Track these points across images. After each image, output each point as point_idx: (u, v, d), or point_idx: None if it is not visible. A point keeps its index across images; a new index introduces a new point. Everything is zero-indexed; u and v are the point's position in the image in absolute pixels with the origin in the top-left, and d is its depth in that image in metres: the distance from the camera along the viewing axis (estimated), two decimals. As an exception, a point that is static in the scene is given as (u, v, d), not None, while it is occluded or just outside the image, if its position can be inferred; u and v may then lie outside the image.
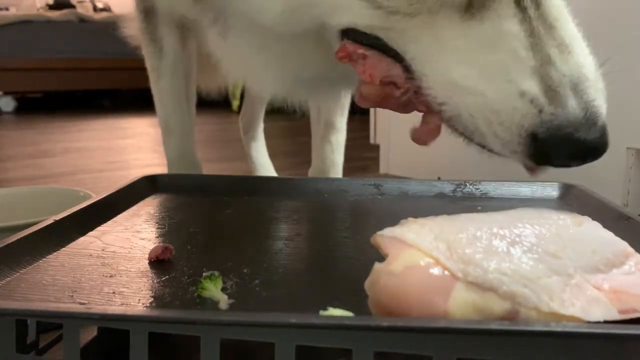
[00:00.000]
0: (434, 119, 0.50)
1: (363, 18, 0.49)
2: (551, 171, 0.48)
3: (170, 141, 0.92)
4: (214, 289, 0.45)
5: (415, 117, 0.53)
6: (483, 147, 0.49)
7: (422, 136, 0.52)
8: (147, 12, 0.86)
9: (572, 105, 0.43)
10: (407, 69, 0.49)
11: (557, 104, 0.43)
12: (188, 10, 0.71)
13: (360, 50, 0.50)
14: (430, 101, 0.48)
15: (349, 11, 0.49)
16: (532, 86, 0.44)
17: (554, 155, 0.45)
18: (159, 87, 0.89)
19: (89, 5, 4.46)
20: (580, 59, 0.45)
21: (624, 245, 0.43)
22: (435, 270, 0.37)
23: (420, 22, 0.47)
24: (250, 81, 0.77)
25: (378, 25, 0.49)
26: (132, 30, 1.12)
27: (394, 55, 0.49)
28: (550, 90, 0.43)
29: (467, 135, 0.48)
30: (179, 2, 0.72)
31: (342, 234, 0.63)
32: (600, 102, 0.45)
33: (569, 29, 0.46)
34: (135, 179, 0.77)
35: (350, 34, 0.51)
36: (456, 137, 0.50)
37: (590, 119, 0.43)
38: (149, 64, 0.90)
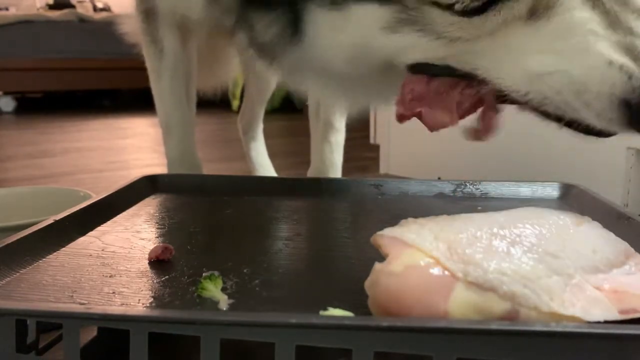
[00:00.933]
0: (490, 114, 0.52)
1: (427, 52, 0.50)
2: (551, 171, 0.47)
3: (170, 141, 0.92)
4: (214, 289, 0.45)
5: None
6: (578, 126, 0.49)
7: (482, 133, 0.54)
8: (148, 13, 0.86)
9: None
10: (478, 82, 0.50)
11: None
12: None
13: (417, 109, 0.52)
14: (515, 97, 0.49)
15: (412, 49, 0.51)
16: (617, 56, 0.44)
17: None
18: (159, 87, 0.89)
19: (89, 5, 4.46)
20: None
21: (624, 246, 0.43)
22: (436, 270, 0.37)
23: (484, 44, 0.48)
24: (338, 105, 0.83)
25: (443, 55, 0.50)
26: (129, 27, 1.11)
27: (465, 75, 0.51)
28: (638, 59, 0.44)
29: (561, 114, 0.48)
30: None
31: (342, 234, 0.63)
32: None
33: None
34: (135, 179, 0.77)
35: (418, 67, 0.52)
36: (549, 123, 0.51)
37: None
38: (149, 64, 0.90)
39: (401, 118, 0.53)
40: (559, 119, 0.49)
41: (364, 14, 0.51)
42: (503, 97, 0.50)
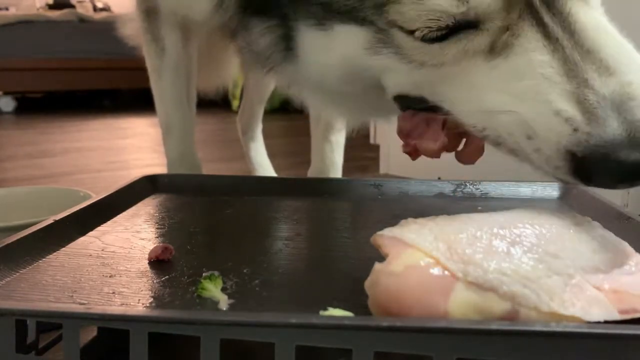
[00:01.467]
0: (476, 141, 0.53)
1: (404, 76, 0.51)
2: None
3: (170, 141, 0.92)
4: (214, 289, 0.45)
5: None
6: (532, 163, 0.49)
7: (467, 157, 0.56)
8: (149, 12, 0.86)
9: (612, 126, 0.42)
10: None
11: (594, 124, 0.42)
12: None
13: (412, 142, 0.54)
14: (472, 131, 0.49)
15: (392, 72, 0.52)
16: (567, 106, 0.43)
17: (594, 174, 0.43)
18: (160, 86, 0.89)
19: (89, 5, 4.46)
20: (627, 77, 0.44)
21: (624, 246, 0.43)
22: (436, 271, 0.37)
23: (448, 72, 0.49)
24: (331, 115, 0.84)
25: (417, 80, 0.51)
26: (130, 30, 1.12)
27: (436, 108, 0.52)
28: (588, 112, 0.43)
29: (514, 154, 0.49)
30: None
31: (342, 234, 0.63)
32: None
33: (612, 49, 0.45)
34: (135, 179, 0.77)
35: (401, 100, 0.54)
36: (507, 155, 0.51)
37: (634, 139, 0.42)
38: (149, 64, 0.90)
39: (408, 154, 0.55)
40: (514, 155, 0.49)
41: (347, 34, 0.52)
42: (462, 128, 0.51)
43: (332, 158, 1.05)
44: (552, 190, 0.76)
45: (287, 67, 0.60)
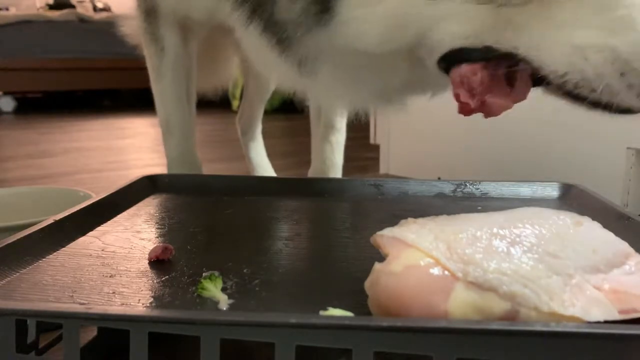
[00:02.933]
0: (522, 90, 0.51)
1: (467, 23, 0.48)
2: (551, 171, 0.47)
3: (170, 141, 0.92)
4: (214, 289, 0.45)
5: (415, 117, 0.54)
6: (605, 107, 0.48)
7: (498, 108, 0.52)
8: (149, 12, 0.86)
9: None
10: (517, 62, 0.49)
11: None
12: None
13: (482, 98, 0.50)
14: (552, 78, 0.48)
15: (452, 20, 0.49)
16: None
17: None
18: (160, 86, 0.89)
19: (89, 5, 4.46)
20: None
21: (624, 245, 0.43)
22: (435, 270, 0.37)
23: (531, 11, 0.47)
24: (339, 105, 0.79)
25: (481, 27, 0.48)
26: (130, 29, 1.11)
27: (505, 56, 0.49)
28: None
29: (594, 97, 0.47)
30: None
31: (342, 234, 0.63)
32: None
33: None
34: (135, 179, 0.77)
35: (453, 57, 0.51)
36: (576, 105, 0.50)
37: None
38: (149, 64, 0.90)
39: (466, 111, 0.51)
40: (592, 103, 0.48)
41: None
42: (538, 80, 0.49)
43: (332, 159, 1.05)
44: (552, 190, 0.76)
45: (316, 34, 0.56)
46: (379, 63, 0.58)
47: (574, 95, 0.49)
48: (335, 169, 1.06)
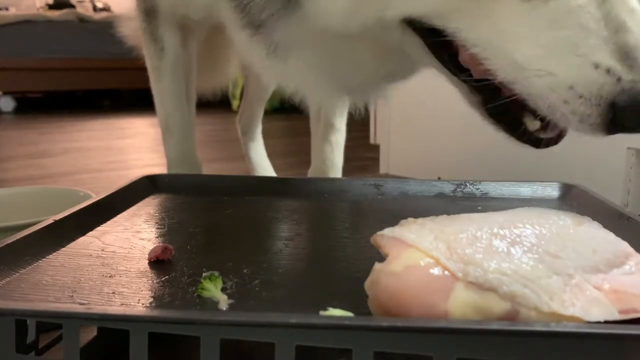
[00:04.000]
0: None
1: (426, 3, 0.49)
2: (551, 171, 0.47)
3: (170, 141, 0.92)
4: (214, 289, 0.45)
5: (415, 117, 0.54)
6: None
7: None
8: (149, 12, 0.86)
9: None
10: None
11: (636, 71, 0.43)
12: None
13: None
14: (502, 83, 0.48)
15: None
16: (605, 56, 0.43)
17: (635, 121, 0.44)
18: (160, 86, 0.89)
19: (89, 5, 4.46)
20: None
21: (624, 245, 0.43)
22: (435, 270, 0.37)
23: (481, 8, 0.47)
24: (308, 95, 0.78)
25: (439, 9, 0.49)
26: (128, 30, 1.11)
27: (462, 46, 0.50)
28: (628, 58, 0.43)
29: (542, 112, 0.48)
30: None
31: (342, 234, 0.63)
32: None
33: None
34: (135, 179, 0.77)
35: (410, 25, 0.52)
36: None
37: None
38: (149, 64, 0.90)
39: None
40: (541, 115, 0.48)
41: None
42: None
43: (332, 159, 1.05)
44: (552, 190, 0.76)
45: (284, 15, 0.58)
46: (348, 48, 0.59)
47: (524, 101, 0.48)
48: (335, 168, 1.06)
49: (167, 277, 0.49)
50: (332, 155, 1.05)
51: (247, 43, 0.64)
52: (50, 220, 0.57)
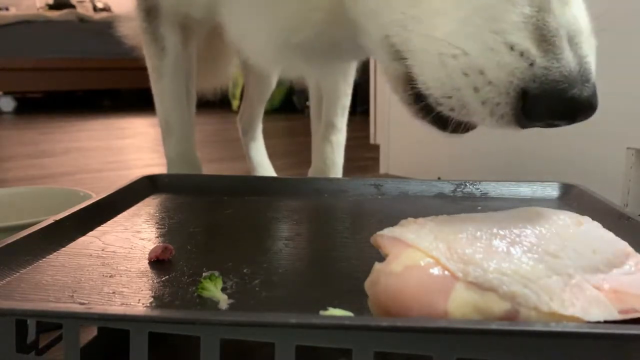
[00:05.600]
0: None
1: None
2: (551, 171, 0.47)
3: (170, 141, 0.92)
4: (214, 289, 0.45)
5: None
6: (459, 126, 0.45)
7: None
8: (149, 12, 0.86)
9: (569, 59, 0.39)
10: None
11: (551, 57, 0.38)
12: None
13: None
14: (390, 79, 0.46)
15: None
16: (522, 37, 0.39)
17: (545, 113, 0.40)
18: (160, 86, 0.89)
19: (89, 5, 4.46)
20: (577, 11, 0.41)
21: (624, 245, 0.43)
22: (435, 271, 0.37)
23: None
24: (248, 49, 0.73)
25: None
26: (128, 30, 1.11)
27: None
28: (545, 42, 0.39)
29: (453, 115, 0.44)
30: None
31: (342, 234, 0.63)
32: (593, 59, 0.41)
33: None
34: (135, 179, 0.77)
35: None
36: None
37: (584, 75, 0.39)
38: (150, 64, 0.90)
39: None
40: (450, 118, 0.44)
41: None
42: None
43: (332, 158, 1.05)
44: (552, 190, 0.76)
45: None
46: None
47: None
48: (336, 168, 1.06)
49: (167, 277, 0.49)
50: (332, 155, 1.05)
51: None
52: (50, 220, 0.57)
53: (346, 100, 1.02)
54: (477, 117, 0.42)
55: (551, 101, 0.39)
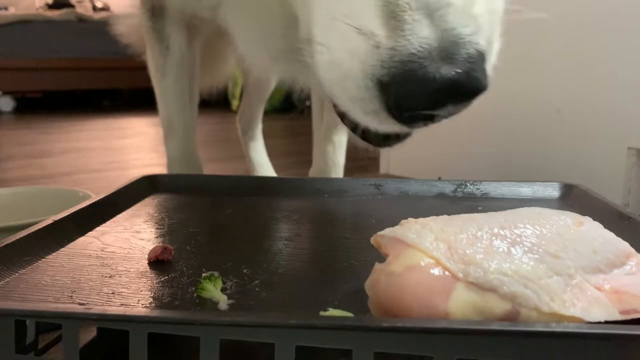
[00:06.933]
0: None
1: None
2: (551, 171, 0.47)
3: (171, 141, 0.91)
4: (213, 290, 0.44)
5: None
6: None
7: None
8: (155, 11, 0.85)
9: (421, 34, 0.33)
10: None
11: (399, 35, 0.33)
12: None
13: None
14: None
15: None
16: (370, 17, 0.34)
17: (406, 102, 0.34)
18: (163, 85, 0.89)
19: (88, 5, 4.46)
20: None
21: (625, 246, 0.43)
22: (436, 271, 0.37)
23: None
24: (245, 55, 0.71)
25: None
26: (124, 28, 1.11)
27: None
28: (392, 18, 0.33)
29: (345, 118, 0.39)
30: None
31: (342, 234, 0.63)
32: (468, 31, 0.34)
33: None
34: (135, 179, 0.77)
35: None
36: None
37: (446, 49, 0.33)
38: (153, 63, 0.89)
39: None
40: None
41: None
42: None
43: (334, 158, 1.05)
44: (552, 190, 0.76)
45: None
46: (263, 14, 0.55)
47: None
48: (338, 168, 1.06)
49: (166, 277, 0.49)
50: (334, 155, 1.05)
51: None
52: (49, 221, 0.57)
53: None
54: (357, 119, 0.38)
55: (404, 86, 0.34)
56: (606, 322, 0.36)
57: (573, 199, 0.72)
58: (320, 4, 0.37)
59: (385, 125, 0.37)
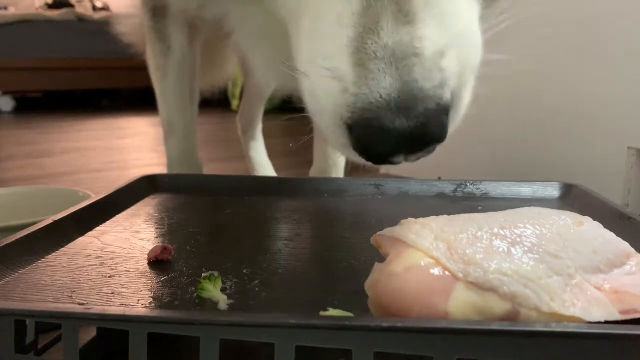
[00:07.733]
0: None
1: None
2: (551, 171, 0.47)
3: (172, 141, 0.91)
4: (213, 290, 0.44)
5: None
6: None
7: None
8: (157, 11, 0.85)
9: (383, 84, 0.34)
10: None
11: (363, 83, 0.34)
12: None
13: None
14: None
15: None
16: (343, 60, 0.35)
17: (363, 147, 0.36)
18: (164, 85, 0.89)
19: (88, 5, 4.45)
20: (423, 30, 0.35)
21: (625, 246, 0.43)
22: (436, 271, 0.37)
23: None
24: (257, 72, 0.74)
25: None
26: (125, 28, 1.11)
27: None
28: (361, 65, 0.34)
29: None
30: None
31: (342, 234, 0.63)
32: (430, 85, 0.35)
33: None
34: (135, 179, 0.77)
35: None
36: None
37: (404, 102, 0.34)
38: (153, 63, 0.89)
39: None
40: None
41: None
42: None
43: (335, 158, 1.05)
44: (552, 190, 0.76)
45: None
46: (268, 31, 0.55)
47: None
48: (338, 168, 1.06)
49: (166, 277, 0.48)
50: (335, 155, 1.04)
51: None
52: (49, 221, 0.57)
53: None
54: (333, 146, 0.40)
55: (363, 131, 0.35)
56: (606, 322, 0.36)
57: (573, 199, 0.72)
58: (307, 39, 0.39)
59: (357, 158, 0.39)
